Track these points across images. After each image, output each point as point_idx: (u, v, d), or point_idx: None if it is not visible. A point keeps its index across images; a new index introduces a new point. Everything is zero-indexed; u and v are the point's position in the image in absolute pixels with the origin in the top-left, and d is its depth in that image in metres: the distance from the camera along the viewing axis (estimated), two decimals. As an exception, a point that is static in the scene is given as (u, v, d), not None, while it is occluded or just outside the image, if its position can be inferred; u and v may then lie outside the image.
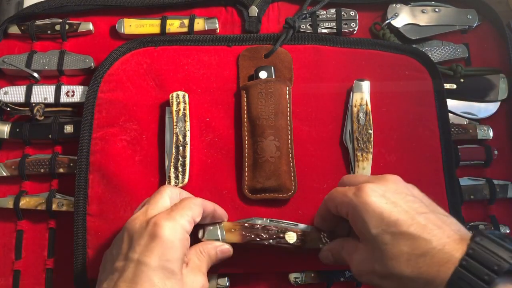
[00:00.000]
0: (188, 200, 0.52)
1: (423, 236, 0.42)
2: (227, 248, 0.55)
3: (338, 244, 0.53)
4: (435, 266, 0.40)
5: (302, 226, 0.57)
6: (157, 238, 0.46)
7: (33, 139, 0.68)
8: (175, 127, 0.64)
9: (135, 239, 0.47)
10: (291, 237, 0.55)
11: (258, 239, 0.55)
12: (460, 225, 0.45)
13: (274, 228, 0.55)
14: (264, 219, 0.57)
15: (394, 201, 0.45)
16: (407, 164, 0.65)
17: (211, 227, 0.55)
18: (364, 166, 0.64)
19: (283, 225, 0.56)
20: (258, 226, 0.55)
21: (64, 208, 0.65)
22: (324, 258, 0.55)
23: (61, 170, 0.66)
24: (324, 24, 0.72)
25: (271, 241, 0.54)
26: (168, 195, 0.52)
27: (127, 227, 0.49)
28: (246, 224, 0.55)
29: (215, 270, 0.58)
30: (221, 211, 0.56)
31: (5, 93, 0.69)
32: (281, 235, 0.55)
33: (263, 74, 0.67)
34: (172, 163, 0.63)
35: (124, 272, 0.46)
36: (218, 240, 0.55)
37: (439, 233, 0.42)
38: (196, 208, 0.51)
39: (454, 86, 0.70)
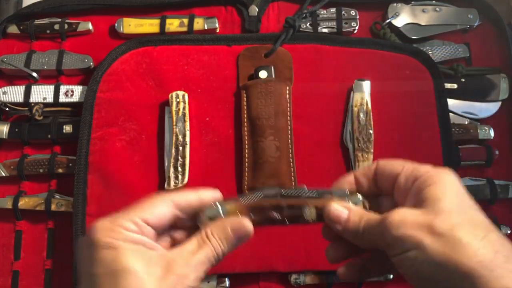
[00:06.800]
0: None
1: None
2: (242, 224, 0.39)
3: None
4: None
5: (322, 192, 0.43)
6: None
7: (32, 139, 0.68)
8: (174, 127, 0.64)
9: None
10: (310, 214, 0.43)
11: (269, 222, 0.43)
12: (504, 240, 0.35)
13: (287, 207, 0.43)
14: (274, 191, 0.44)
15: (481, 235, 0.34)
16: (408, 164, 0.65)
17: (209, 209, 0.41)
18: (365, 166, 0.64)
19: (298, 198, 0.43)
20: (269, 206, 0.43)
21: (63, 209, 0.64)
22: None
23: (60, 170, 0.66)
24: (324, 23, 0.72)
25: (286, 221, 0.43)
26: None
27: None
28: (255, 207, 0.43)
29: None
30: (210, 195, 0.41)
31: (4, 93, 0.69)
32: (297, 213, 0.43)
33: (263, 74, 0.66)
34: (171, 163, 0.63)
35: None
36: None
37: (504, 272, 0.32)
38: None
39: (455, 86, 0.70)
